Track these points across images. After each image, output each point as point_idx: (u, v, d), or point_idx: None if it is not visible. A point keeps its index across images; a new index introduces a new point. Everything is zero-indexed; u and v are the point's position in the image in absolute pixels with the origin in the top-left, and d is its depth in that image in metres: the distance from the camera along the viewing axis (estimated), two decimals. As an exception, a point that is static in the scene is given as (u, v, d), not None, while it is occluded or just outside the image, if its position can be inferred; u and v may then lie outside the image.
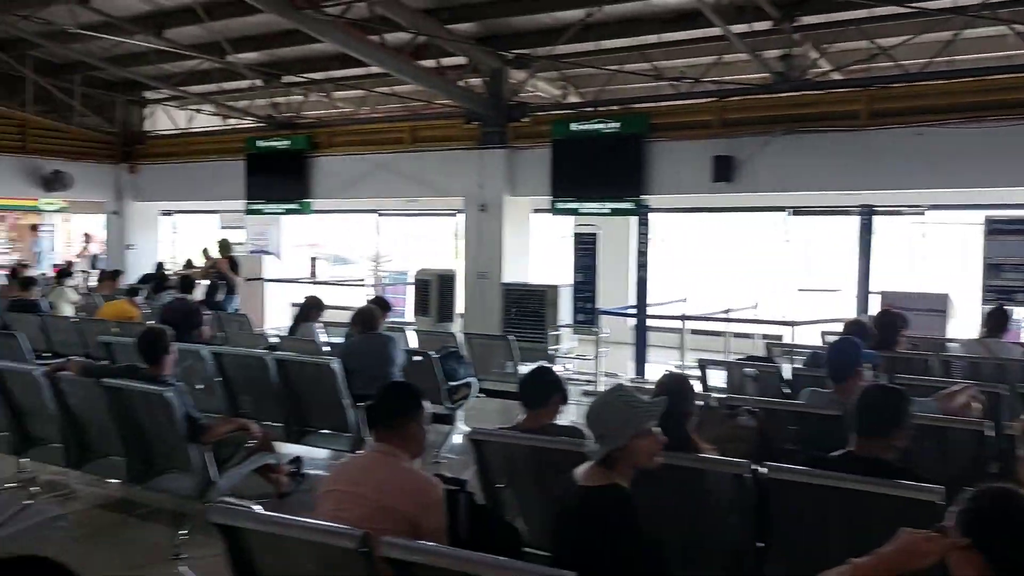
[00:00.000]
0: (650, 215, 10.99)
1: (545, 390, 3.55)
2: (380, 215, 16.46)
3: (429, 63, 11.89)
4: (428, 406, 2.96)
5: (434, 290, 12.73)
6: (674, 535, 2.82)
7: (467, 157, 12.58)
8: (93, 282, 13.99)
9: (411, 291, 13.86)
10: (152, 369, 4.72)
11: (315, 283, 15.54)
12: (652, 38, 11.08)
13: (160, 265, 14.84)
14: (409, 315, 13.26)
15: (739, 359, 6.77)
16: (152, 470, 4.82)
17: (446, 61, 12.14)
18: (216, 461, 4.62)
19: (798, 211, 12.75)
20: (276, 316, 14.57)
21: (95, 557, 4.52)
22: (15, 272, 12.42)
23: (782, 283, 13.09)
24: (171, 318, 7.85)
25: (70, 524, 4.07)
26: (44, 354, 8.38)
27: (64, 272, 12.19)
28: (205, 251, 12.67)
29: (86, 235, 16.55)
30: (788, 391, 5.29)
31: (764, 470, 2.89)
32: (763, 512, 2.89)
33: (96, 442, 5.08)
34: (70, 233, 18.81)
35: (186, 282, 9.26)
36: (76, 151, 15.83)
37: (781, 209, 12.77)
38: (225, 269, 11.62)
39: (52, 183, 15.07)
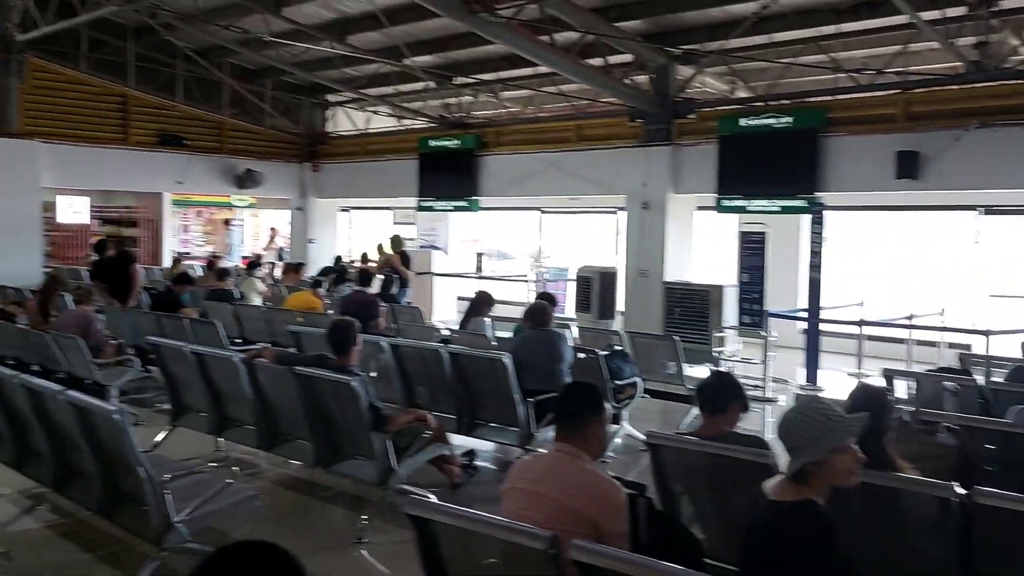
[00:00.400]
0: (824, 213, 10.47)
1: (725, 397, 3.47)
2: (543, 212, 16.66)
3: (596, 61, 11.91)
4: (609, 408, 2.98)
5: (595, 287, 12.73)
6: (867, 559, 2.69)
7: (631, 155, 12.50)
8: (278, 273, 15.04)
9: (571, 287, 13.92)
10: (340, 359, 5.01)
11: (480, 278, 15.95)
12: (829, 28, 10.59)
13: (338, 259, 15.70)
14: (569, 311, 13.32)
15: (930, 370, 6.33)
16: (337, 455, 5.12)
17: (612, 59, 12.13)
18: (395, 450, 4.84)
19: (991, 210, 11.76)
20: (443, 309, 15.11)
21: (283, 537, 4.78)
22: (212, 263, 13.52)
23: (971, 288, 12.10)
24: (350, 309, 8.33)
25: (263, 504, 4.39)
26: (236, 340, 9.07)
27: (253, 264, 13.13)
28: (380, 247, 13.31)
29: (272, 229, 17.80)
30: (986, 406, 4.91)
31: (965, 492, 2.69)
32: (967, 540, 2.70)
33: (286, 426, 5.44)
34: (258, 227, 20.29)
35: (364, 275, 9.77)
36: (266, 151, 17.09)
37: (971, 208, 11.83)
38: (398, 264, 12.16)
39: (244, 181, 16.35)
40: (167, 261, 16.83)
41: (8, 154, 13.35)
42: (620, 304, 12.87)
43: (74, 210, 16.50)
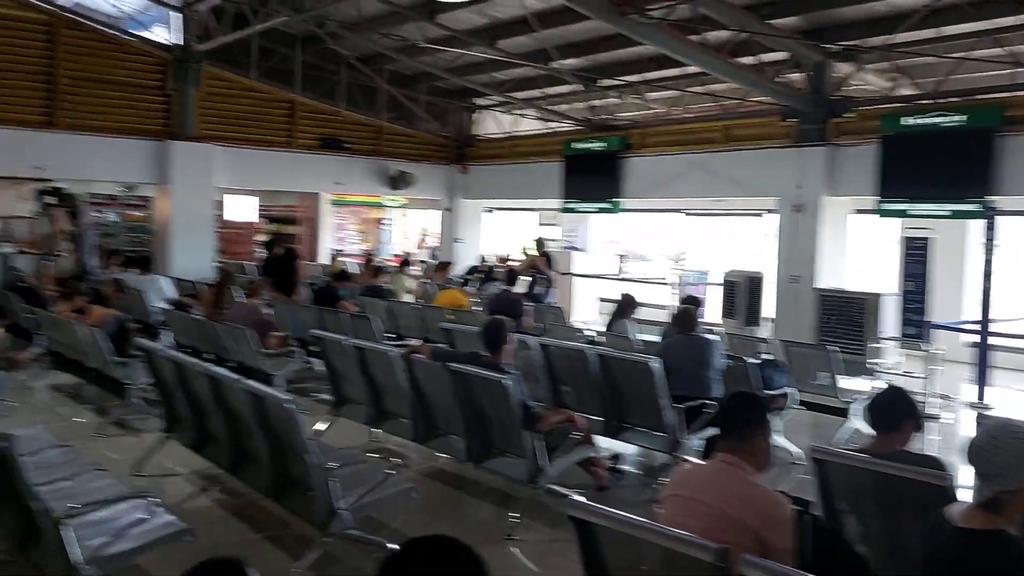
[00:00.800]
0: (998, 219, 9.74)
1: (898, 414, 3.31)
2: (686, 215, 16.37)
3: (747, 60, 11.59)
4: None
5: (742, 292, 12.41)
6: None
7: (783, 156, 12.09)
8: (420, 271, 15.55)
9: (713, 291, 13.62)
10: (493, 357, 5.14)
11: (620, 280, 15.87)
12: (1007, 20, 9.83)
13: (483, 258, 16.06)
14: (712, 316, 13.02)
15: None
16: (488, 452, 5.25)
17: (765, 57, 11.78)
18: (545, 449, 4.91)
19: None
20: (584, 310, 15.13)
21: (437, 529, 4.99)
22: (368, 261, 14.13)
23: None
24: (498, 308, 8.51)
25: (421, 496, 4.56)
26: (388, 335, 9.46)
27: (405, 262, 13.66)
28: (524, 249, 13.50)
29: (424, 229, 18.45)
30: None
31: None
32: None
33: (441, 421, 5.62)
34: (407, 227, 21.04)
35: (510, 275, 9.95)
36: (418, 153, 17.71)
37: None
38: (542, 265, 12.31)
39: (397, 182, 17.02)
40: (324, 258, 17.76)
41: (186, 157, 14.50)
42: (767, 310, 12.48)
43: (242, 209, 17.70)
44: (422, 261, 14.18)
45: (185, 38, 14.42)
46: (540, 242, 13.09)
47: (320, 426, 6.36)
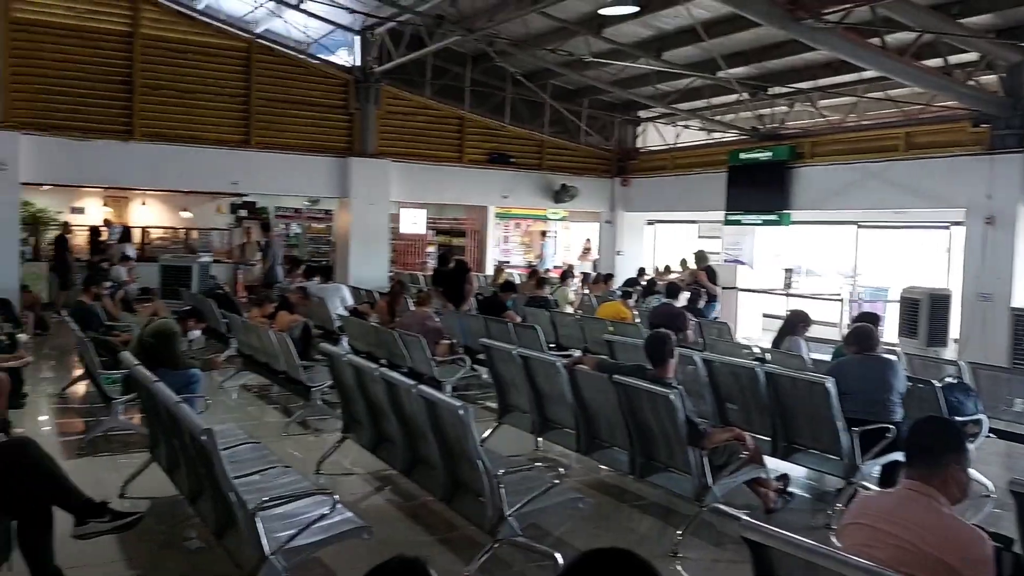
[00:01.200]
0: None
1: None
2: (859, 227, 15.52)
3: (933, 62, 10.88)
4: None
5: (924, 310, 11.60)
6: None
7: (973, 164, 11.25)
8: (580, 283, 15.60)
9: (891, 309, 12.81)
10: (658, 371, 5.10)
11: (788, 295, 15.26)
12: None
13: (641, 270, 15.94)
14: (889, 335, 12.25)
15: None
16: (652, 466, 5.21)
17: (953, 59, 11.00)
18: (710, 467, 4.82)
19: None
20: (748, 325, 14.67)
21: (600, 540, 4.99)
22: (533, 272, 14.37)
23: None
24: (659, 321, 8.42)
25: (588, 507, 4.59)
26: (550, 345, 9.58)
27: (566, 274, 13.80)
28: (683, 261, 13.28)
29: (587, 241, 18.58)
30: None
31: None
32: None
33: (605, 432, 5.64)
34: (569, 239, 21.23)
35: (671, 288, 9.83)
36: (580, 167, 17.89)
37: None
38: (704, 279, 12.08)
39: (560, 195, 17.26)
40: (489, 269, 18.25)
41: (366, 172, 15.38)
42: (953, 330, 11.60)
43: (413, 221, 18.51)
44: (584, 273, 14.28)
45: (365, 60, 15.32)
46: (702, 256, 12.83)
47: (485, 433, 6.53)
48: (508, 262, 18.56)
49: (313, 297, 11.14)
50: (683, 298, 10.72)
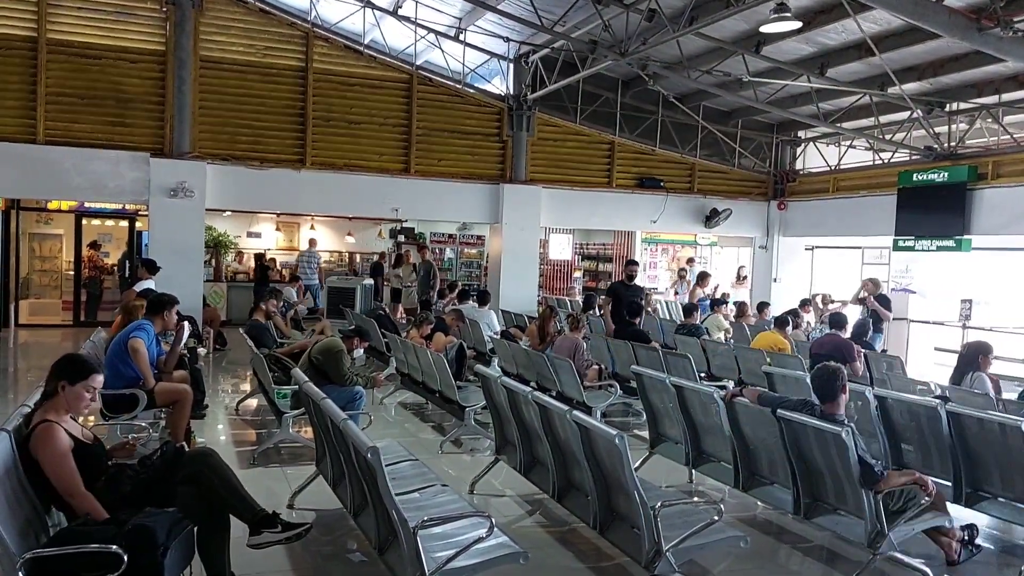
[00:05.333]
0: None
1: None
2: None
3: None
4: None
5: None
6: None
7: None
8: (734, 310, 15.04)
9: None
10: (827, 407, 4.82)
11: (966, 327, 14.10)
12: None
13: (804, 302, 15.15)
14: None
15: None
16: (818, 506, 4.91)
17: None
18: (885, 512, 4.49)
19: None
20: (919, 359, 13.66)
21: (760, 578, 4.79)
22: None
23: None
24: (824, 353, 7.99)
25: (749, 545, 4.38)
26: (700, 375, 9.30)
27: (717, 301, 13.38)
28: (857, 294, 12.36)
29: (741, 267, 18.02)
30: None
31: None
32: None
33: (764, 468, 5.39)
34: (719, 265, 20.61)
35: (836, 318, 9.29)
36: (733, 190, 17.41)
37: None
38: (874, 308, 11.39)
39: (711, 219, 16.83)
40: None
41: (517, 198, 15.64)
42: None
43: (561, 247, 18.61)
44: (738, 302, 13.78)
45: (519, 87, 15.62)
46: (874, 283, 12.09)
47: (636, 462, 6.39)
48: (655, 288, 18.24)
49: (468, 320, 11.39)
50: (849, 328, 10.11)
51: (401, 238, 19.32)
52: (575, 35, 12.71)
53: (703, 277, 14.75)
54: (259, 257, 16.92)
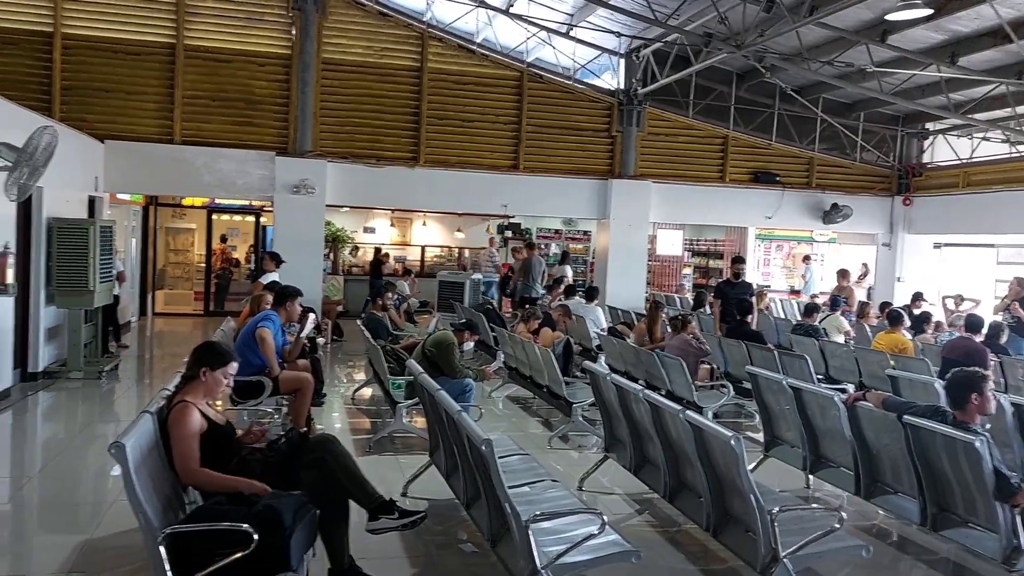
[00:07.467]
0: None
1: None
2: None
3: None
4: None
5: None
6: None
7: None
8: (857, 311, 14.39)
9: None
10: (961, 414, 4.58)
11: None
12: None
13: (917, 295, 14.36)
14: None
15: None
16: (947, 518, 4.68)
17: None
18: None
19: None
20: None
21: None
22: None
23: None
24: (956, 358, 7.59)
25: (871, 555, 4.21)
26: (818, 377, 8.97)
27: (836, 300, 12.85)
28: (1011, 286, 11.59)
29: (863, 265, 17.29)
30: None
31: None
32: None
33: (887, 476, 5.16)
34: (837, 262, 19.83)
35: (971, 320, 8.78)
36: (854, 184, 16.72)
37: None
38: (1021, 313, 10.68)
39: (830, 215, 16.21)
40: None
41: (625, 194, 15.50)
42: None
43: (671, 242, 18.32)
44: (862, 302, 13.19)
45: (629, 82, 15.48)
46: (1020, 283, 11.33)
47: (750, 465, 6.25)
48: (769, 286, 17.70)
49: (575, 315, 11.38)
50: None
51: (509, 234, 19.48)
52: (689, 28, 12.48)
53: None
54: (375, 251, 17.46)
